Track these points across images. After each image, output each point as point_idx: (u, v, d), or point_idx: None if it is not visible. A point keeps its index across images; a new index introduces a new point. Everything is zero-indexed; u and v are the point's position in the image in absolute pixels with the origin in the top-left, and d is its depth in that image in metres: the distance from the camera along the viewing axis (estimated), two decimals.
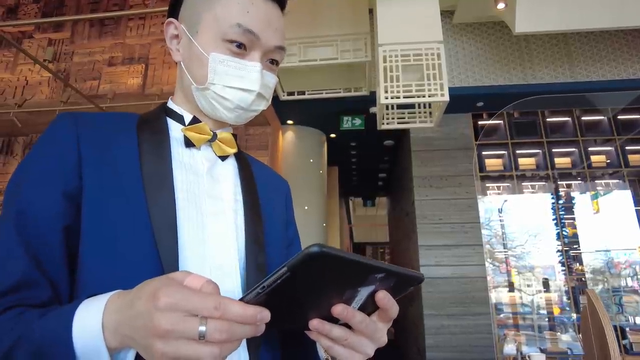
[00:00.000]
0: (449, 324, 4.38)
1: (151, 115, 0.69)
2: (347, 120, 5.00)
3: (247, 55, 0.65)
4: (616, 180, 5.08)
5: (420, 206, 4.77)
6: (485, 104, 4.69)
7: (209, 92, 0.65)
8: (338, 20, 3.74)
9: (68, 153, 0.57)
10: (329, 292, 0.44)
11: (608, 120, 4.97)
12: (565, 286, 4.81)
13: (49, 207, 0.54)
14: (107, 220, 0.55)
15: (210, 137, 0.68)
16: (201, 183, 0.65)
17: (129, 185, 0.58)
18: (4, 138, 4.53)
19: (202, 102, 0.67)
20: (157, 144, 0.63)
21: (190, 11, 0.68)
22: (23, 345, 0.44)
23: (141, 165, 0.60)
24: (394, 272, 0.45)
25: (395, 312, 0.50)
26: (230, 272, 0.61)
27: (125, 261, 0.54)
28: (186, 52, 0.67)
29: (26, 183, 0.56)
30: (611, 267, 5.14)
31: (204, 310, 0.38)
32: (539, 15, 3.31)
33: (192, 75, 0.66)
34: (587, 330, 1.53)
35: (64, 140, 0.58)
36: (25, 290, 0.49)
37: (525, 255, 5.12)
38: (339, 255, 0.38)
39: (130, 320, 0.40)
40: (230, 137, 0.71)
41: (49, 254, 0.52)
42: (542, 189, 5.23)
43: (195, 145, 0.66)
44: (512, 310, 4.88)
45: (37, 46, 4.12)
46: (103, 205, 0.56)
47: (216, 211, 0.64)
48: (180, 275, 0.42)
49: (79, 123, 0.60)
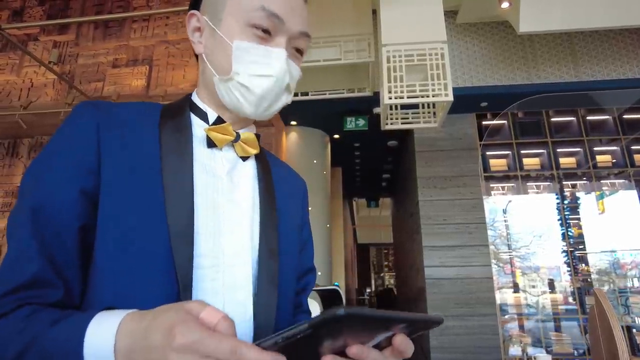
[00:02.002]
0: (453, 325, 4.36)
1: (175, 108, 0.67)
2: (351, 121, 4.99)
3: (271, 41, 0.63)
4: (622, 180, 5.04)
5: (424, 207, 4.75)
6: (490, 104, 4.67)
7: (232, 83, 0.63)
8: (341, 21, 3.74)
9: (88, 149, 0.56)
10: (347, 342, 0.43)
11: (613, 120, 4.94)
12: (570, 287, 4.78)
13: (67, 205, 0.53)
14: (123, 221, 0.54)
15: (234, 137, 0.66)
16: (219, 186, 0.63)
17: (149, 186, 0.57)
18: (10, 140, 4.56)
19: (223, 94, 0.65)
20: (180, 143, 0.61)
21: (212, 0, 0.66)
22: (33, 352, 0.44)
23: (162, 165, 0.58)
24: (416, 321, 0.45)
25: (411, 353, 0.49)
26: (242, 284, 0.60)
27: (139, 266, 0.53)
28: (209, 43, 0.65)
29: (45, 178, 0.54)
30: (617, 268, 5.10)
31: (221, 355, 0.37)
32: (543, 15, 3.29)
33: (215, 66, 0.64)
34: (594, 331, 1.51)
35: (85, 135, 0.57)
36: (38, 289, 0.49)
37: (530, 256, 5.09)
38: (365, 314, 0.37)
39: (144, 352, 0.40)
40: (254, 137, 0.69)
41: (63, 253, 0.52)
42: (547, 189, 5.20)
43: (217, 146, 0.64)
44: (517, 311, 4.85)
45: (42, 48, 4.15)
46: (121, 206, 0.55)
47: (233, 219, 0.63)
48: (196, 308, 0.40)
49: (100, 115, 0.58)
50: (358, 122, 4.98)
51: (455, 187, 4.75)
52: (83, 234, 0.54)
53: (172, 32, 3.99)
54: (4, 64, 4.13)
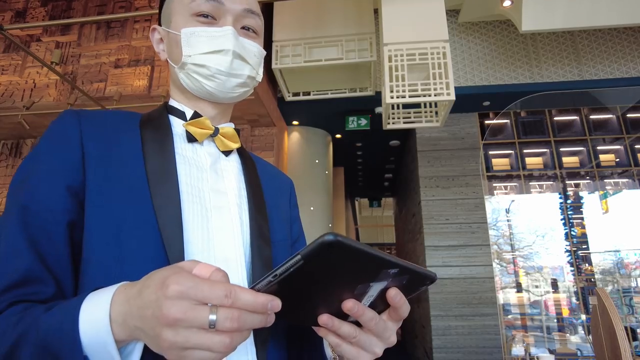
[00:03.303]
0: (456, 324, 4.34)
1: (153, 113, 0.69)
2: (353, 121, 4.99)
3: (217, 24, 0.66)
4: (625, 179, 5.01)
5: (426, 206, 4.74)
6: (492, 103, 4.66)
7: (188, 67, 0.66)
8: (343, 21, 3.74)
9: (72, 149, 0.57)
10: (340, 285, 0.43)
11: (617, 119, 4.92)
12: (574, 287, 4.76)
13: (54, 202, 0.54)
14: (111, 215, 0.55)
15: (212, 131, 0.68)
16: (205, 178, 0.64)
17: (133, 180, 0.58)
18: (13, 140, 4.57)
19: (186, 81, 0.67)
20: (160, 140, 0.63)
21: (165, 10, 0.71)
22: (29, 340, 0.43)
23: (145, 160, 0.60)
24: (408, 269, 0.44)
25: (406, 312, 0.49)
26: (235, 266, 0.61)
27: (131, 256, 0.53)
28: (167, 47, 0.70)
29: (31, 179, 0.55)
30: (621, 268, 5.08)
31: (215, 299, 0.37)
32: (546, 13, 3.28)
33: (173, 60, 0.68)
34: (597, 330, 1.50)
35: (68, 136, 0.58)
36: (29, 286, 0.49)
37: (533, 256, 5.07)
38: (354, 245, 0.37)
39: (139, 310, 0.39)
40: (233, 131, 0.71)
41: (53, 249, 0.52)
42: (550, 188, 5.18)
43: (198, 140, 0.66)
44: (520, 311, 4.84)
45: (44, 49, 4.16)
46: (107, 200, 0.55)
47: (220, 205, 0.64)
48: (188, 264, 0.41)
49: (82, 119, 0.60)
50: (360, 121, 4.97)
51: (458, 186, 4.73)
52: (71, 230, 0.54)
53: None
54: (7, 65, 4.15)
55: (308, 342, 0.66)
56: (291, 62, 3.74)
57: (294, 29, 3.74)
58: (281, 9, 3.80)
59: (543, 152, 5.03)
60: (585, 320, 4.52)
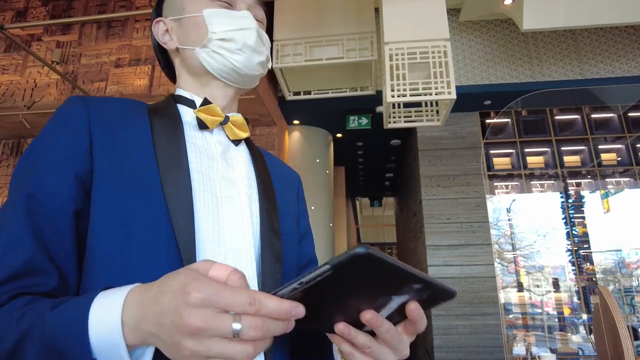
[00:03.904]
0: (457, 324, 4.34)
1: (160, 103, 0.68)
2: (354, 120, 4.98)
3: (233, 9, 0.69)
4: (627, 178, 5.00)
5: (427, 206, 4.74)
6: (493, 102, 4.65)
7: (213, 43, 0.66)
8: (343, 20, 3.73)
9: (80, 136, 0.55)
10: (362, 296, 0.42)
11: (618, 118, 4.91)
12: (575, 286, 4.75)
13: (60, 190, 0.52)
14: (119, 204, 0.53)
15: (223, 118, 0.67)
16: (215, 166, 0.63)
17: (143, 168, 0.56)
18: (14, 140, 4.58)
19: (208, 59, 0.67)
20: (170, 127, 0.62)
21: (172, 2, 0.72)
22: (34, 337, 0.41)
23: (155, 147, 0.58)
24: (432, 284, 0.43)
25: (423, 326, 0.48)
26: (245, 257, 0.60)
27: (140, 245, 0.52)
28: (180, 33, 0.70)
29: (37, 166, 0.54)
30: (622, 267, 5.07)
31: (238, 306, 0.36)
32: (547, 12, 3.27)
33: (192, 41, 0.68)
34: (599, 329, 1.50)
35: (75, 122, 0.56)
36: (31, 277, 0.48)
37: (535, 255, 5.06)
38: (384, 259, 0.37)
39: (155, 317, 0.38)
40: (242, 120, 0.71)
41: (58, 239, 0.51)
42: (551, 187, 5.17)
43: (209, 128, 0.66)
44: (521, 311, 4.83)
45: (45, 49, 4.16)
46: (115, 188, 0.54)
47: (231, 195, 0.63)
48: (203, 266, 0.39)
49: (89, 105, 0.59)
50: (361, 120, 4.97)
51: (459, 185, 4.73)
52: (77, 220, 0.52)
53: None
54: (8, 65, 4.15)
55: (316, 348, 0.65)
56: (292, 61, 3.73)
57: (294, 28, 3.74)
58: (282, 8, 3.80)
59: (544, 151, 5.02)
60: (587, 320, 4.51)
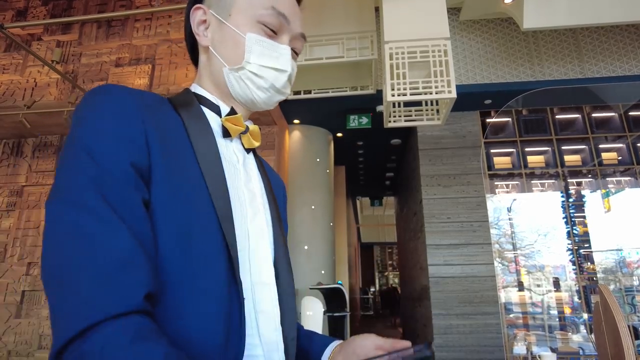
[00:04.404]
0: (457, 323, 4.34)
1: (183, 99, 0.66)
2: (354, 119, 4.98)
3: (277, 38, 0.67)
4: (628, 177, 4.99)
5: (428, 205, 4.73)
6: (494, 101, 4.64)
7: (243, 72, 0.66)
8: (344, 19, 3.73)
9: (137, 127, 0.53)
10: None
11: (619, 117, 4.89)
12: (576, 285, 4.74)
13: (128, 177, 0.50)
14: (179, 206, 0.53)
15: (244, 129, 0.68)
16: (238, 176, 0.65)
17: (191, 171, 0.56)
18: (14, 139, 4.58)
19: (233, 83, 0.67)
20: (203, 131, 0.62)
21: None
22: None
23: (195, 151, 0.58)
24: None
25: None
26: (267, 267, 0.64)
27: (199, 255, 0.53)
28: (217, 36, 0.68)
29: (100, 153, 0.49)
30: (623, 267, 5.06)
31: None
32: (548, 10, 3.26)
33: (225, 57, 0.66)
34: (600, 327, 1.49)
35: (130, 113, 0.54)
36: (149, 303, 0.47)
37: (535, 255, 5.05)
38: None
39: None
40: (258, 130, 0.72)
41: (150, 244, 0.50)
42: (552, 187, 5.16)
43: (231, 136, 0.66)
44: (521, 310, 4.82)
45: (45, 48, 4.16)
46: (173, 190, 0.53)
47: (254, 206, 0.65)
48: None
49: (134, 96, 0.56)
50: (361, 120, 4.96)
51: (459, 185, 4.72)
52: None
53: (175, 30, 3.99)
54: (8, 64, 4.15)
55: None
56: None
57: None
58: None
59: (545, 150, 5.02)
60: (587, 319, 4.50)
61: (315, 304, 3.80)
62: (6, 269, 4.11)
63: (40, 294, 4.02)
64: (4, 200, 4.35)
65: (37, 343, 3.89)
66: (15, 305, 4.00)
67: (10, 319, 3.98)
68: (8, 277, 4.08)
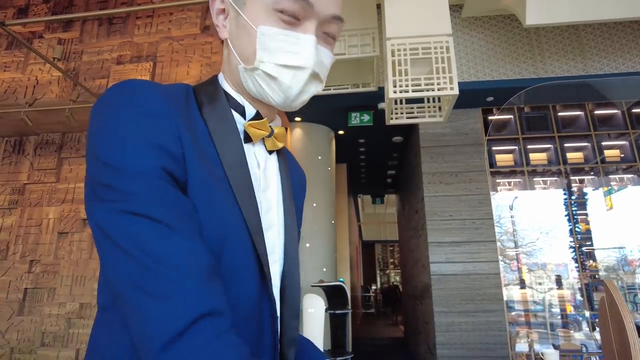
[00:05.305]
0: (459, 321, 4.33)
1: (209, 93, 0.62)
2: (356, 117, 4.97)
3: (299, 26, 0.58)
4: (631, 175, 4.98)
5: (429, 203, 4.73)
6: (496, 98, 4.63)
7: (257, 73, 0.59)
8: (345, 16, 3.68)
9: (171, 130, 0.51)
10: None
11: (622, 114, 4.88)
12: (578, 283, 4.73)
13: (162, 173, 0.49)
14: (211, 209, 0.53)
15: (269, 133, 0.64)
16: (257, 183, 0.62)
17: (218, 179, 0.55)
18: (16, 137, 4.58)
19: (249, 83, 0.61)
20: (230, 135, 0.59)
21: None
22: None
23: (219, 155, 0.57)
24: None
25: None
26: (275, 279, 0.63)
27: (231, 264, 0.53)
28: (233, 27, 0.61)
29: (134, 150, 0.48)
30: (625, 265, 5.05)
31: None
32: (550, 7, 3.25)
33: (240, 54, 0.60)
34: (605, 323, 1.49)
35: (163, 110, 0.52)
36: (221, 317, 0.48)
37: (537, 252, 5.05)
38: None
39: None
40: (284, 132, 0.67)
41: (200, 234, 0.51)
42: (554, 184, 5.15)
43: (253, 141, 0.62)
44: (524, 308, 4.82)
45: (47, 46, 4.16)
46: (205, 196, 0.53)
47: (267, 217, 0.64)
48: None
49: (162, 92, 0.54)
50: (363, 117, 4.95)
51: (461, 182, 4.71)
52: None
53: (176, 28, 3.98)
54: (9, 62, 4.15)
55: None
56: None
57: None
58: None
59: (547, 147, 5.00)
60: (590, 317, 4.49)
61: (317, 301, 3.80)
62: (8, 267, 4.12)
63: (42, 291, 4.03)
64: (5, 198, 4.35)
65: (40, 340, 3.89)
66: (18, 302, 4.00)
67: (12, 317, 3.99)
68: (10, 275, 4.09)
